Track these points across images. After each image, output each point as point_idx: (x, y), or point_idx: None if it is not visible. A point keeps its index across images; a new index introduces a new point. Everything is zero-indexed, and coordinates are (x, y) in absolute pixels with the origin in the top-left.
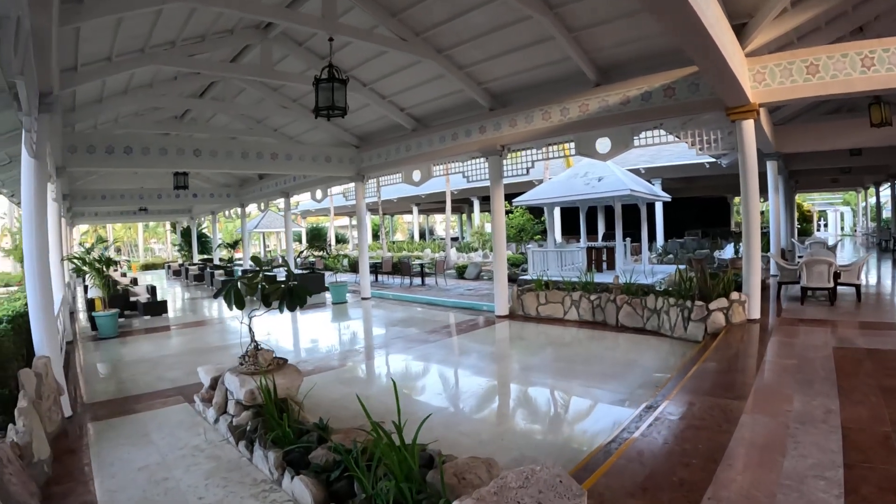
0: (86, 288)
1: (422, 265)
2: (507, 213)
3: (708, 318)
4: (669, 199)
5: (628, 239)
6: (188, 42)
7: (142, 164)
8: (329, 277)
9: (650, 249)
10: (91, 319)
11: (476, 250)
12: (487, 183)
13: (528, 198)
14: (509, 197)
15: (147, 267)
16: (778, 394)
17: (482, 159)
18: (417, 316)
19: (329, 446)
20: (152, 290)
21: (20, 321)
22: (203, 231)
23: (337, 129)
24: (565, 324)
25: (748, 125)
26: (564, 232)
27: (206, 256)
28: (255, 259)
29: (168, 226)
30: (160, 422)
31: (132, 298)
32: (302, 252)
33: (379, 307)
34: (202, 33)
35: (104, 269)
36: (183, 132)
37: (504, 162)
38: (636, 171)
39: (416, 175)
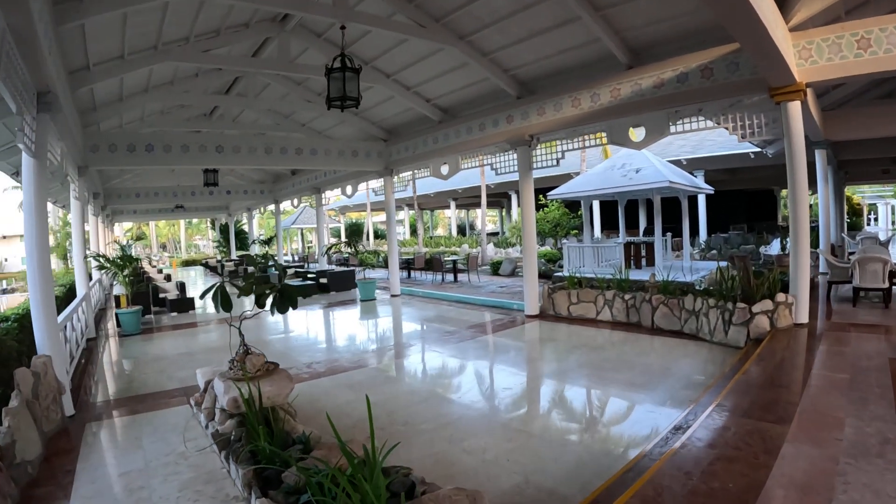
0: (112, 285)
1: (454, 261)
2: (542, 206)
3: (751, 321)
4: (712, 192)
5: (669, 234)
6: (202, 38)
7: (164, 161)
8: (360, 274)
9: (692, 245)
10: (116, 316)
11: (513, 245)
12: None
13: (562, 191)
14: (545, 190)
15: (188, 263)
16: (826, 417)
17: (513, 152)
18: (444, 315)
19: (301, 466)
20: (181, 286)
21: (29, 319)
22: (242, 227)
23: (365, 123)
24: (598, 325)
25: (794, 107)
26: (604, 226)
27: (243, 252)
28: (247, 258)
29: (209, 222)
30: (157, 424)
31: (161, 295)
32: (330, 248)
33: (407, 305)
34: (216, 28)
35: (126, 266)
36: (213, 129)
37: (534, 153)
38: (677, 163)
39: (444, 169)
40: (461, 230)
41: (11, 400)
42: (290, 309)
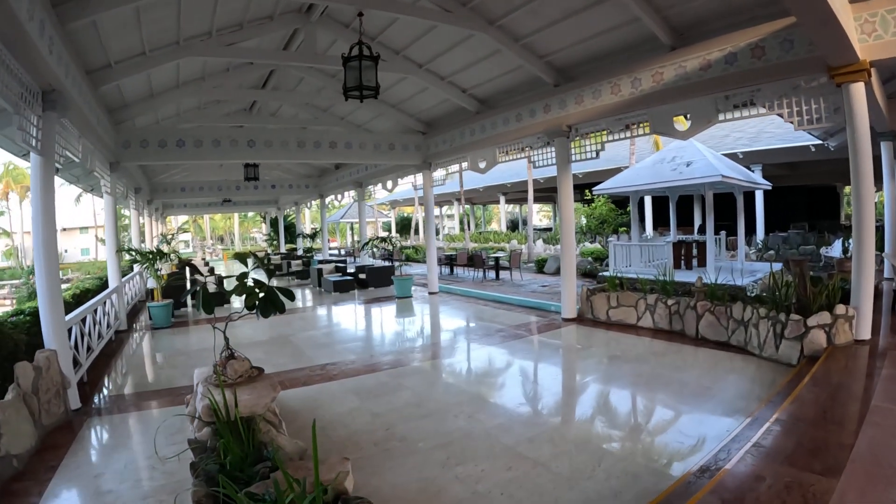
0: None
1: (496, 258)
2: (588, 202)
3: (805, 336)
4: (770, 188)
5: (723, 232)
6: (224, 31)
7: (195, 156)
8: (400, 270)
9: (748, 244)
10: (147, 309)
11: None
12: (575, 171)
13: (609, 185)
14: (593, 185)
15: (239, 256)
16: (886, 469)
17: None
18: (477, 316)
19: (249, 492)
20: (220, 280)
21: None
22: (292, 221)
23: (402, 116)
24: (638, 331)
25: (857, 90)
26: (657, 224)
27: (292, 246)
28: (239, 256)
29: (261, 216)
30: (153, 423)
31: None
32: (367, 243)
33: (442, 304)
34: (238, 21)
35: (157, 259)
36: (253, 124)
37: (573, 145)
38: (733, 156)
39: (482, 163)
40: (514, 225)
41: (8, 393)
42: (278, 313)
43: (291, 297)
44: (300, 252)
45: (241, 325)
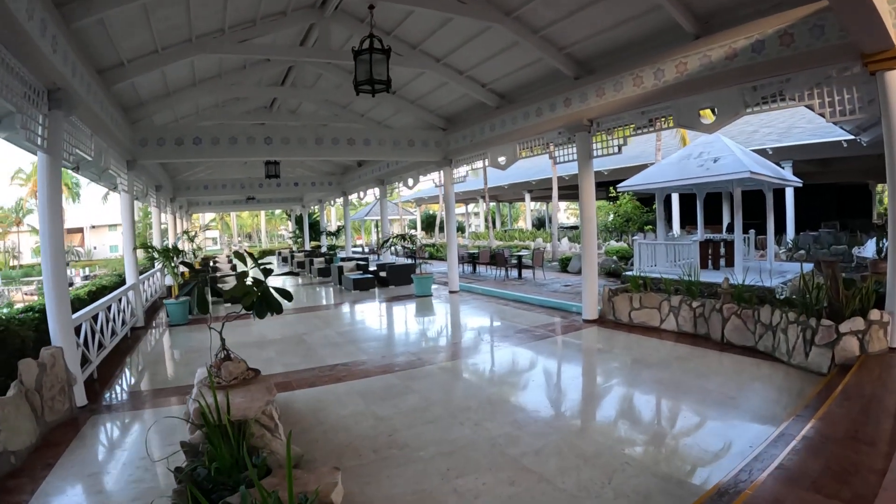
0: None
1: (519, 257)
2: (613, 199)
3: (837, 343)
4: (800, 185)
5: (752, 231)
6: (237, 28)
7: (211, 154)
8: (421, 268)
9: (778, 243)
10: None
11: None
12: (600, 168)
13: (633, 182)
14: (615, 183)
15: (266, 253)
16: None
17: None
18: (496, 316)
19: (226, 501)
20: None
21: None
22: (317, 219)
23: (422, 112)
24: (661, 334)
25: (893, 78)
26: (685, 222)
27: (317, 243)
28: (237, 255)
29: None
30: (155, 422)
31: (219, 285)
32: (386, 241)
33: (461, 303)
34: (251, 18)
35: (174, 257)
36: (272, 121)
37: (595, 140)
38: (762, 152)
39: (502, 159)
40: (540, 223)
41: (10, 390)
42: (274, 314)
43: (289, 297)
44: (324, 250)
45: (256, 323)
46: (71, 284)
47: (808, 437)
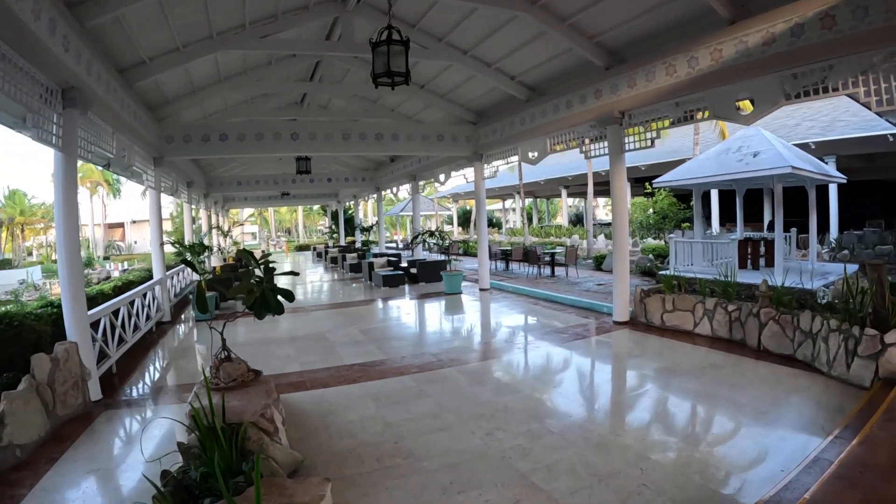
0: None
1: (552, 254)
2: (649, 195)
3: (881, 354)
4: (844, 181)
5: (793, 230)
6: (258, 24)
7: (238, 150)
8: (452, 264)
9: (821, 242)
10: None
11: None
12: (637, 163)
13: (670, 178)
14: (653, 178)
15: (301, 248)
16: None
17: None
18: (524, 315)
19: None
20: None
21: None
22: (352, 214)
23: (452, 106)
24: (694, 339)
25: None
26: (725, 219)
27: (352, 239)
28: (243, 252)
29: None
30: (162, 419)
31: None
32: (415, 238)
33: (490, 301)
34: (271, 13)
35: (201, 252)
36: (304, 117)
37: (628, 133)
38: (804, 147)
39: (533, 154)
40: (578, 219)
41: (20, 384)
42: (276, 314)
43: (290, 297)
44: (358, 245)
45: (282, 319)
46: (108, 278)
47: (845, 464)
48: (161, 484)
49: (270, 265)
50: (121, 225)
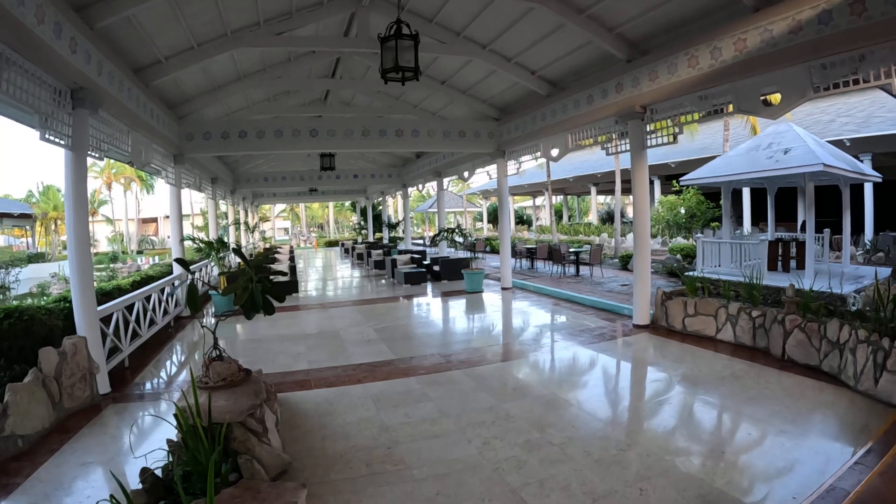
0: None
1: (576, 253)
2: (677, 193)
3: None
4: (880, 180)
5: (826, 230)
6: (273, 21)
7: (257, 147)
8: (476, 262)
9: (855, 244)
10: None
11: (655, 236)
12: (666, 160)
13: (697, 175)
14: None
15: (331, 244)
16: None
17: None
18: (543, 316)
19: None
20: (292, 269)
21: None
22: (381, 211)
23: (475, 102)
24: (716, 346)
25: None
26: (756, 218)
27: (381, 235)
28: (236, 252)
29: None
30: (164, 415)
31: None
32: (436, 236)
33: (510, 301)
34: (286, 10)
35: (220, 249)
36: (329, 114)
37: (653, 127)
38: (838, 144)
39: (554, 151)
40: (609, 217)
41: (27, 377)
42: (266, 314)
43: (280, 298)
44: (385, 241)
45: (300, 316)
46: (138, 271)
47: (861, 500)
48: (140, 480)
49: (266, 264)
50: (154, 220)
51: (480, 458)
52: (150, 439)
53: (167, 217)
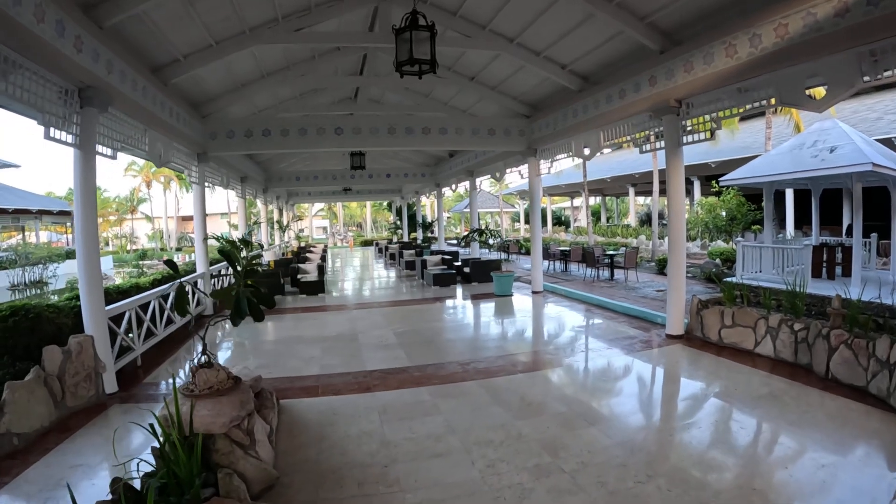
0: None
1: (611, 256)
2: (716, 194)
3: None
4: None
5: (874, 235)
6: (292, 17)
7: (281, 145)
8: (513, 264)
9: None
10: None
11: (693, 240)
12: (706, 160)
13: (737, 175)
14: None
15: (366, 243)
16: None
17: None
18: (571, 323)
19: None
20: (319, 268)
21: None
22: (415, 210)
23: (506, 99)
24: (754, 360)
25: None
26: (800, 222)
27: (416, 235)
28: (222, 252)
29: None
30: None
31: (299, 276)
32: (466, 237)
33: (539, 306)
34: (305, 6)
35: (244, 248)
36: (362, 112)
37: (690, 123)
38: (887, 143)
39: (586, 149)
40: (648, 218)
41: (28, 374)
42: (255, 320)
43: (269, 303)
44: (419, 241)
45: (323, 317)
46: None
47: None
48: (110, 490)
49: (254, 267)
50: (192, 218)
51: (482, 484)
52: (142, 444)
53: (206, 215)
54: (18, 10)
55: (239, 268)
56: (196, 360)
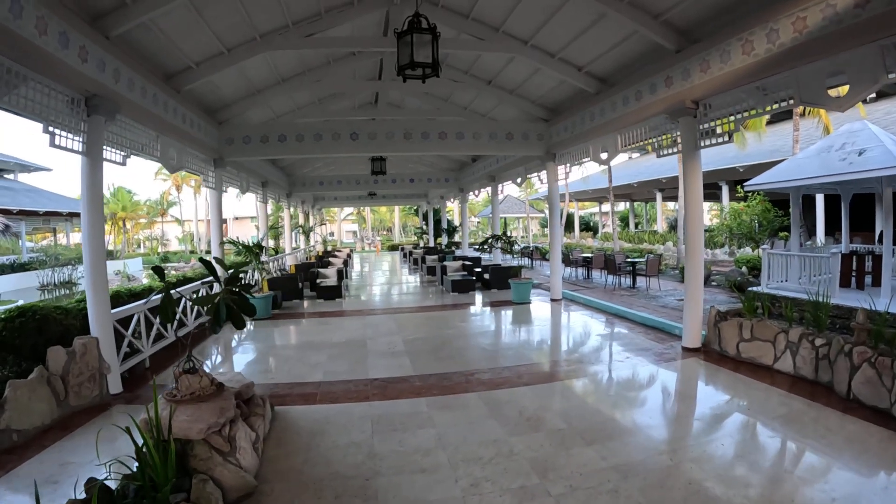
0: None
1: (633, 264)
2: (742, 199)
3: None
4: None
5: None
6: (302, 22)
7: (297, 150)
8: (534, 271)
9: None
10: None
11: (721, 246)
12: (734, 164)
13: (762, 180)
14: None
15: (393, 248)
16: None
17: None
18: (585, 333)
19: None
20: (339, 273)
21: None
22: (442, 215)
23: (524, 102)
24: (773, 377)
25: None
26: (831, 228)
27: (441, 240)
28: (203, 261)
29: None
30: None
31: (318, 280)
32: (485, 242)
33: (556, 315)
34: (315, 11)
35: (260, 253)
36: (383, 116)
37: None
38: None
39: (604, 153)
40: (676, 225)
41: (32, 374)
42: (236, 328)
43: (250, 311)
44: (443, 246)
45: (336, 322)
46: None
47: None
48: (84, 489)
49: (237, 276)
50: (224, 221)
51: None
52: (132, 446)
53: (237, 218)
54: (20, 24)
55: (220, 275)
56: (178, 366)
